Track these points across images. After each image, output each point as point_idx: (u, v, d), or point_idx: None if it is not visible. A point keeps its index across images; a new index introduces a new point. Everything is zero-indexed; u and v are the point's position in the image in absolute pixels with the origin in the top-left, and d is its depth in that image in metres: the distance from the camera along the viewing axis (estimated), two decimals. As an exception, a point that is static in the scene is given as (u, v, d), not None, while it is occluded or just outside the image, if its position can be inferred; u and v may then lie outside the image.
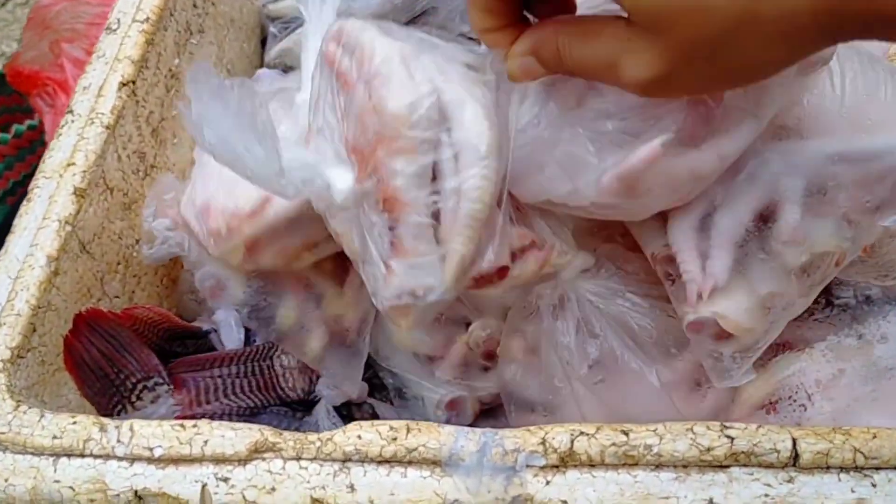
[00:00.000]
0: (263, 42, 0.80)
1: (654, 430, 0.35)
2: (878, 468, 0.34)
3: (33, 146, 1.23)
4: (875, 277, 0.44)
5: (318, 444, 0.36)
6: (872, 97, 0.41)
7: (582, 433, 0.35)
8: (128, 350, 0.48)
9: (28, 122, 1.34)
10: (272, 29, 0.78)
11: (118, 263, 0.51)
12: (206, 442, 0.36)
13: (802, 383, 0.43)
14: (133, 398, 0.48)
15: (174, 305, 0.55)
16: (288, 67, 0.75)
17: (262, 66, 0.78)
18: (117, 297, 0.51)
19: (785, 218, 0.41)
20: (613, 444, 0.35)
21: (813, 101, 0.41)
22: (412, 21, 0.55)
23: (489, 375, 0.49)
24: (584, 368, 0.45)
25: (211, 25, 0.66)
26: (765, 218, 0.42)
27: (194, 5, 0.62)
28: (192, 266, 0.52)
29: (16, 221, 0.46)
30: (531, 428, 0.36)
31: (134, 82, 0.53)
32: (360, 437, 0.36)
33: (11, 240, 0.45)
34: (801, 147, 0.41)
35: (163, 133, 0.57)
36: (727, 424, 0.35)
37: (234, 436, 0.36)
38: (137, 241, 0.53)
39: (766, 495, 0.34)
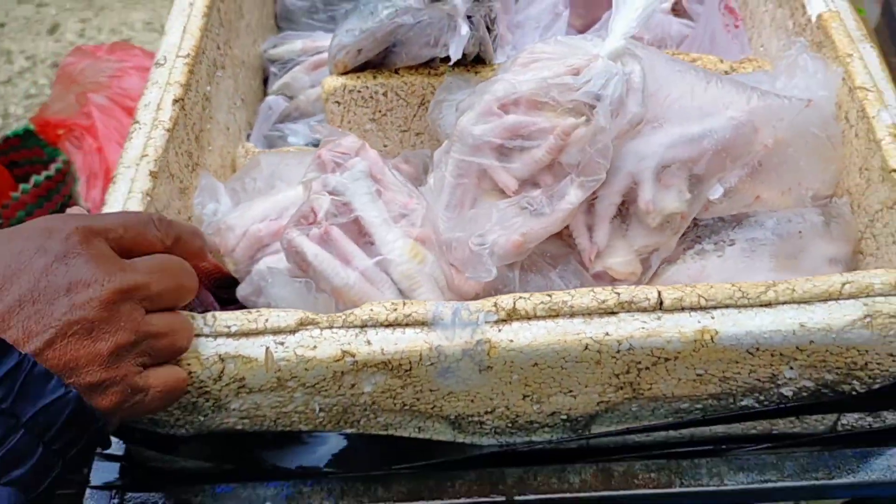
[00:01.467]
0: (265, 80, 0.99)
1: (569, 293, 0.53)
2: (714, 307, 0.52)
3: (50, 194, 1.40)
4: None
5: (343, 317, 0.53)
6: (695, 96, 0.60)
7: (521, 297, 0.53)
8: (191, 290, 0.64)
9: (45, 172, 1.51)
10: (272, 69, 0.97)
11: (177, 232, 0.68)
12: (266, 320, 0.53)
13: (679, 279, 0.61)
14: (196, 325, 0.64)
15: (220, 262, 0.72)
16: (288, 97, 0.93)
17: (264, 98, 0.96)
18: (178, 256, 0.67)
19: (641, 195, 0.60)
20: (542, 302, 0.53)
21: (653, 109, 0.60)
22: (387, 51, 0.74)
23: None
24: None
25: (229, 64, 0.84)
26: (630, 195, 0.61)
27: (217, 47, 0.81)
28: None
29: (106, 197, 0.63)
30: (487, 298, 0.53)
31: (183, 100, 0.70)
32: (372, 310, 0.53)
33: (105, 209, 0.62)
34: (648, 141, 0.60)
35: (202, 140, 0.75)
36: (616, 286, 0.53)
37: (286, 315, 0.53)
38: (189, 219, 0.70)
39: (643, 328, 0.52)
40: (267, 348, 0.53)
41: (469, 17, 0.67)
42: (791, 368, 0.53)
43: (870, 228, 0.61)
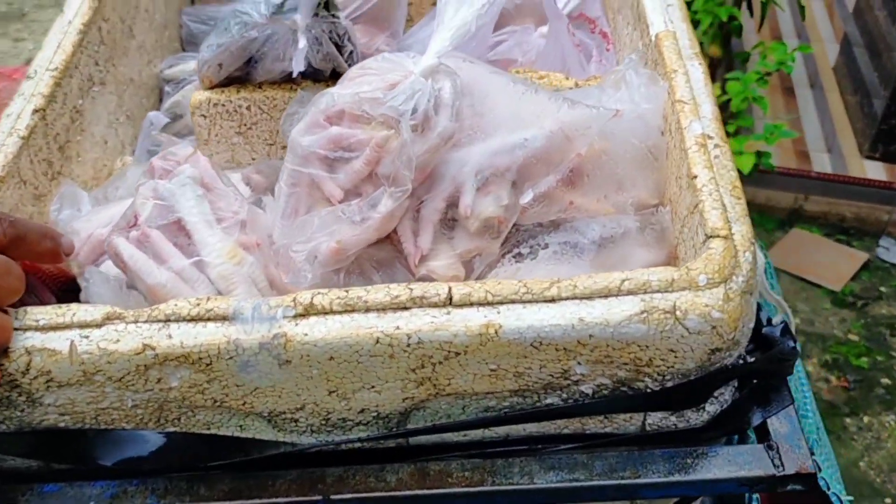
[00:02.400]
0: (162, 99, 1.02)
1: (365, 289, 0.55)
2: (500, 302, 0.54)
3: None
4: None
5: (149, 312, 0.55)
6: (514, 107, 0.63)
7: (319, 293, 0.55)
8: (34, 291, 0.66)
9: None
10: (167, 88, 1.00)
11: (29, 237, 0.70)
12: (74, 314, 0.55)
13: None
14: (36, 326, 0.66)
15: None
16: (177, 115, 0.96)
17: (158, 116, 0.99)
18: (27, 260, 0.69)
19: (462, 201, 0.62)
20: (338, 298, 0.55)
21: (476, 119, 0.63)
22: (249, 67, 0.77)
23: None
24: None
25: (111, 81, 0.87)
26: (454, 201, 0.63)
27: (96, 63, 0.84)
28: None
29: (-49, 202, 0.65)
30: (288, 294, 0.55)
31: (44, 110, 0.73)
32: (176, 304, 0.55)
33: (-52, 211, 0.64)
34: (470, 150, 0.63)
35: (69, 150, 0.77)
36: (410, 284, 0.55)
37: (93, 309, 0.55)
38: (45, 223, 0.72)
39: (431, 322, 0.54)
40: (71, 341, 0.54)
41: (314, 32, 0.70)
42: (580, 364, 0.55)
43: (682, 234, 0.63)
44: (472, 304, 0.54)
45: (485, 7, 0.60)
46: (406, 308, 0.54)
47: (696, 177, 0.60)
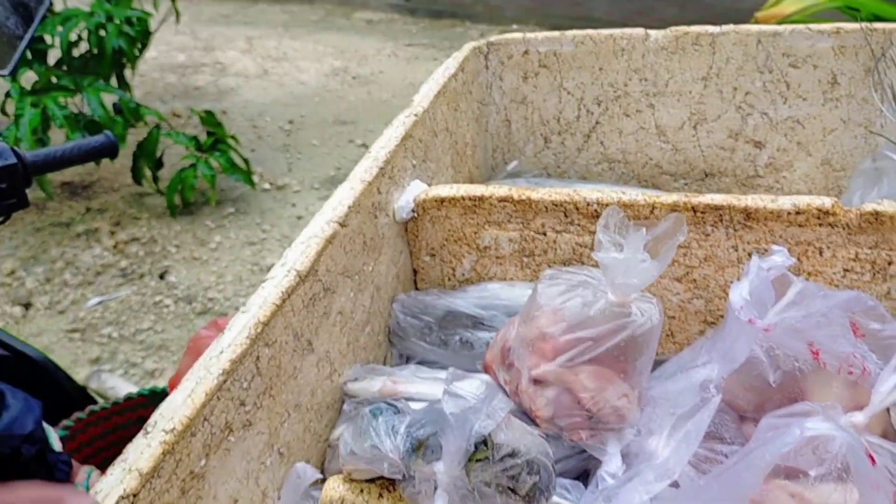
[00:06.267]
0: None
1: None
2: None
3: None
4: None
5: None
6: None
7: None
8: None
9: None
10: (346, 406, 0.82)
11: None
12: None
13: None
14: None
15: None
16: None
17: (327, 442, 0.81)
18: None
19: None
20: None
21: None
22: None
23: None
24: None
25: (263, 417, 0.71)
26: None
27: (241, 404, 0.67)
28: None
29: None
30: None
31: (135, 495, 0.57)
32: None
33: None
34: None
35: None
36: None
37: None
38: None
39: None
40: None
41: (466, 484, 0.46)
42: None
43: None
44: None
45: None
46: None
47: None
